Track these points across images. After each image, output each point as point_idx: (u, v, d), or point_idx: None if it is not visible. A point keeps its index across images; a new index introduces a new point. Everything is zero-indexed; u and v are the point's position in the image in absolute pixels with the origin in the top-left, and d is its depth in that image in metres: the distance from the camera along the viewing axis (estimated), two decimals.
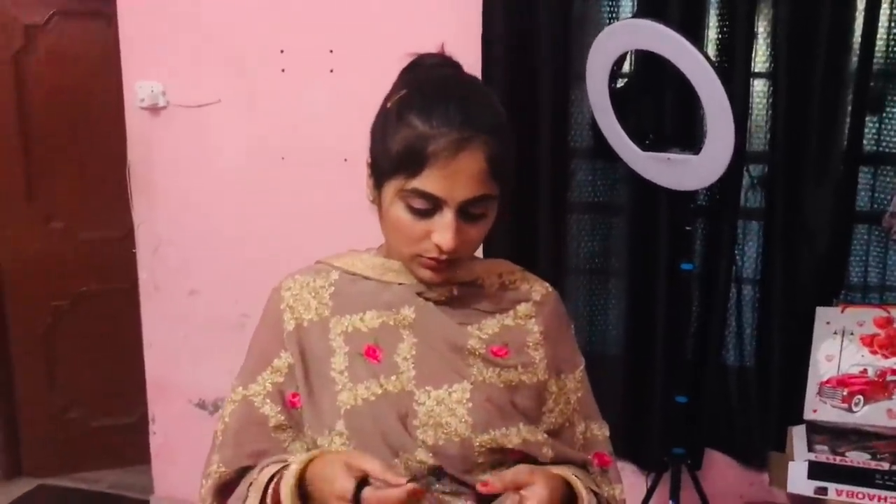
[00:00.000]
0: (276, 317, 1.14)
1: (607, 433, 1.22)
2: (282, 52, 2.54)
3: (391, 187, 1.04)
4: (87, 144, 3.18)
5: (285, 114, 2.58)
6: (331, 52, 2.49)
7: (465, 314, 1.13)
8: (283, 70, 2.55)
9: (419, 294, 1.12)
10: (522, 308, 1.16)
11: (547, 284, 1.22)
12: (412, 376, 1.07)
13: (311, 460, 1.01)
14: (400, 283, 1.13)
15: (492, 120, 1.04)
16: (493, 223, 1.08)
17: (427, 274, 1.07)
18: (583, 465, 1.16)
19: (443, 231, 1.02)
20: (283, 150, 2.60)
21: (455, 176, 1.00)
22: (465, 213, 1.03)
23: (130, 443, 3.28)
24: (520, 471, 1.01)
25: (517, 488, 0.99)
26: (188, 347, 2.85)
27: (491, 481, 0.99)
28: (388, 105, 1.06)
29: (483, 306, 1.14)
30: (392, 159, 1.02)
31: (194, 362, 2.85)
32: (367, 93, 1.19)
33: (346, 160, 2.45)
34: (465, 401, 1.06)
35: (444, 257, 1.04)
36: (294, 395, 1.11)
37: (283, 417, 1.11)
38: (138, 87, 2.67)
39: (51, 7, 3.10)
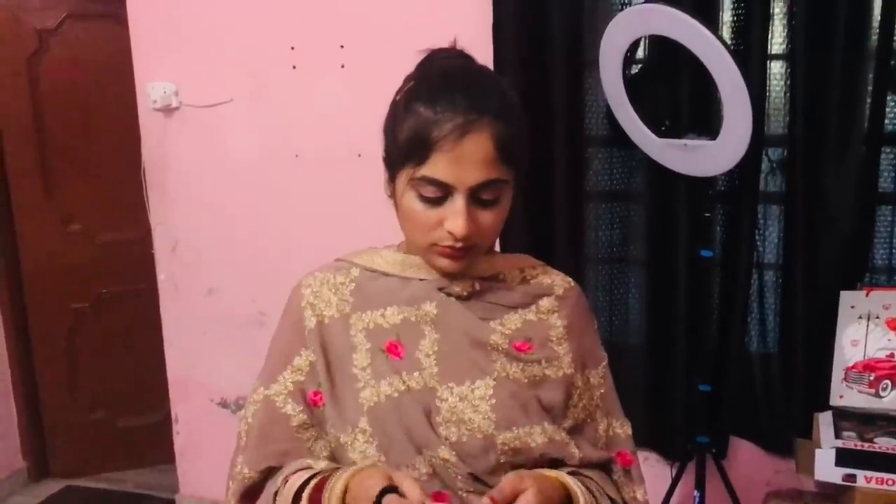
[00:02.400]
0: (297, 315, 1.13)
1: (629, 431, 1.19)
2: (292, 48, 2.53)
3: (402, 178, 1.04)
4: (101, 146, 3.20)
5: (297, 110, 2.57)
6: (341, 47, 2.48)
7: (487, 309, 1.11)
8: (294, 67, 2.54)
9: (440, 289, 1.11)
10: (545, 303, 1.14)
11: (569, 279, 1.21)
12: (435, 372, 1.06)
13: (353, 475, 0.98)
14: (421, 279, 1.12)
15: (499, 103, 1.03)
16: (509, 209, 1.07)
17: (444, 263, 1.06)
18: (605, 465, 1.14)
19: (454, 217, 1.01)
20: (296, 146, 2.60)
21: (462, 161, 0.99)
22: (477, 198, 1.02)
23: (155, 442, 3.31)
24: (512, 479, 0.97)
25: (514, 496, 0.95)
26: (208, 346, 2.86)
27: (493, 497, 0.94)
28: (397, 98, 1.06)
29: (505, 301, 1.12)
30: (401, 149, 1.03)
31: (214, 361, 2.86)
32: (379, 87, 1.18)
33: (359, 155, 2.44)
34: (488, 397, 1.05)
35: (459, 245, 1.03)
36: (316, 394, 1.10)
37: (305, 416, 1.10)
38: (151, 89, 2.67)
39: (63, 11, 3.12)
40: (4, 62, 3.11)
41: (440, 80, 1.04)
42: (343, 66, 2.49)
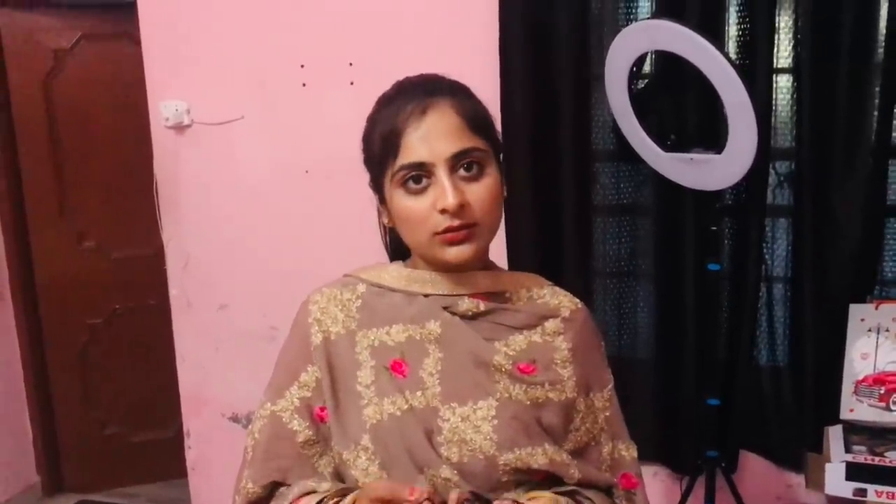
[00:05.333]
0: (304, 330, 1.14)
1: (635, 454, 1.18)
2: (302, 66, 2.56)
3: (387, 184, 1.06)
4: (115, 164, 3.24)
5: (307, 127, 2.60)
6: (350, 65, 2.50)
7: (492, 329, 1.11)
8: (303, 84, 2.57)
9: (445, 308, 1.10)
10: (551, 324, 1.13)
11: (577, 300, 1.19)
12: (437, 392, 1.06)
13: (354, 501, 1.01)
14: (426, 295, 1.11)
15: (453, 85, 1.08)
16: (501, 188, 1.08)
17: (452, 252, 1.05)
18: (608, 488, 1.14)
19: (441, 194, 1.01)
20: (307, 163, 2.62)
21: (430, 135, 1.02)
22: (458, 172, 1.03)
23: (168, 457, 3.33)
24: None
25: None
26: (220, 362, 2.88)
27: None
28: (365, 127, 1.12)
29: (510, 322, 1.12)
30: (376, 156, 1.07)
31: (226, 376, 2.87)
32: None
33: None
34: (490, 418, 1.05)
35: (457, 223, 1.02)
36: (322, 410, 1.10)
37: (311, 433, 1.10)
38: (163, 107, 2.70)
39: (77, 31, 3.18)
40: (21, 82, 3.17)
41: (395, 88, 1.10)
42: (352, 84, 2.51)
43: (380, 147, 1.05)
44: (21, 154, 3.23)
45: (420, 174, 1.03)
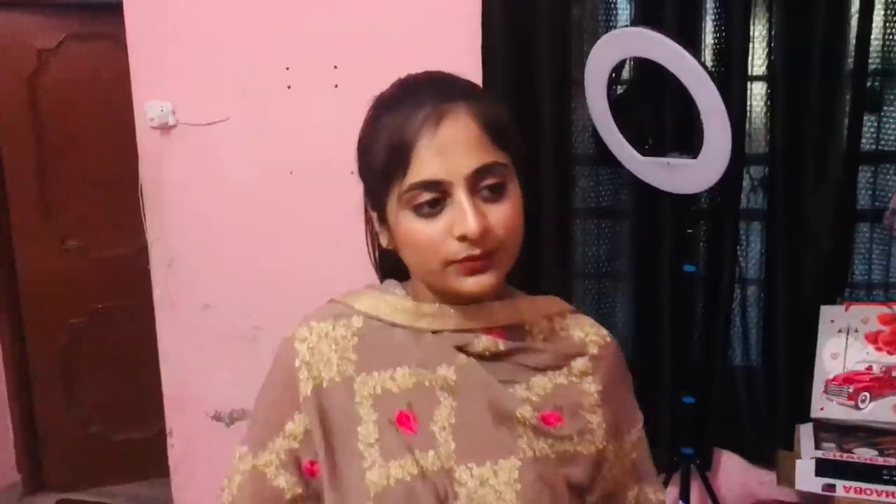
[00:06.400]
0: (290, 375, 0.97)
1: (663, 497, 1.08)
2: (287, 69, 2.59)
3: (391, 203, 0.92)
4: (99, 164, 3.25)
5: (292, 129, 2.62)
6: (335, 67, 2.54)
7: (511, 371, 0.96)
8: (288, 87, 2.60)
9: (459, 349, 0.96)
10: (578, 364, 1.00)
11: (604, 332, 1.06)
12: (452, 450, 0.92)
13: None
14: (434, 332, 0.97)
15: (470, 87, 0.94)
16: (522, 206, 0.94)
17: (469, 283, 0.91)
18: None
19: (460, 217, 0.87)
20: (291, 164, 2.65)
21: (447, 149, 0.88)
22: (479, 191, 0.89)
23: (150, 456, 3.33)
24: None
25: None
26: (203, 361, 2.90)
27: None
28: (361, 133, 0.97)
29: (533, 362, 0.98)
30: (379, 170, 0.91)
31: (209, 375, 2.89)
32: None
33: (352, 172, 2.49)
34: (513, 481, 0.91)
35: (477, 251, 0.88)
36: (312, 464, 0.96)
37: (300, 490, 0.97)
38: (148, 107, 2.72)
39: (62, 31, 3.18)
40: (5, 81, 3.17)
41: (399, 89, 0.95)
42: (336, 86, 2.55)
43: (385, 160, 0.90)
44: (4, 154, 3.23)
45: (435, 196, 0.88)
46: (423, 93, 0.91)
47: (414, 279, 1.00)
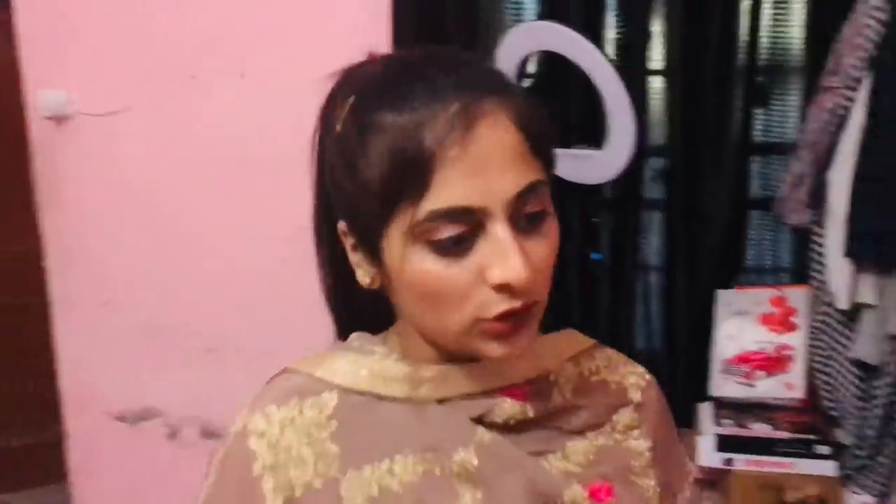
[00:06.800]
0: (248, 488, 0.71)
1: None
2: (191, 57, 2.52)
3: (394, 236, 0.67)
4: None
5: (196, 120, 2.56)
6: (241, 56, 2.49)
7: (542, 439, 0.76)
8: (193, 76, 2.53)
9: (478, 421, 0.73)
10: (623, 418, 0.82)
11: (641, 369, 0.90)
12: None
13: None
14: (440, 401, 0.74)
15: (500, 76, 0.73)
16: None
17: (498, 349, 0.70)
18: None
19: (502, 258, 0.66)
20: (195, 156, 2.59)
21: (483, 164, 0.64)
22: (517, 219, 0.68)
23: (46, 461, 3.19)
24: None
25: None
26: (103, 359, 2.80)
27: None
28: (339, 128, 0.70)
29: (568, 423, 0.78)
30: (378, 191, 0.66)
31: (110, 374, 2.80)
32: (279, 96, 1.19)
33: (264, 165, 2.46)
34: None
35: (519, 303, 0.68)
36: None
37: None
38: (42, 96, 2.60)
39: None
40: None
41: (403, 72, 0.69)
42: (243, 76, 2.50)
43: (388, 175, 0.65)
44: None
45: (465, 228, 0.66)
46: (442, 82, 0.66)
47: (401, 331, 0.77)
